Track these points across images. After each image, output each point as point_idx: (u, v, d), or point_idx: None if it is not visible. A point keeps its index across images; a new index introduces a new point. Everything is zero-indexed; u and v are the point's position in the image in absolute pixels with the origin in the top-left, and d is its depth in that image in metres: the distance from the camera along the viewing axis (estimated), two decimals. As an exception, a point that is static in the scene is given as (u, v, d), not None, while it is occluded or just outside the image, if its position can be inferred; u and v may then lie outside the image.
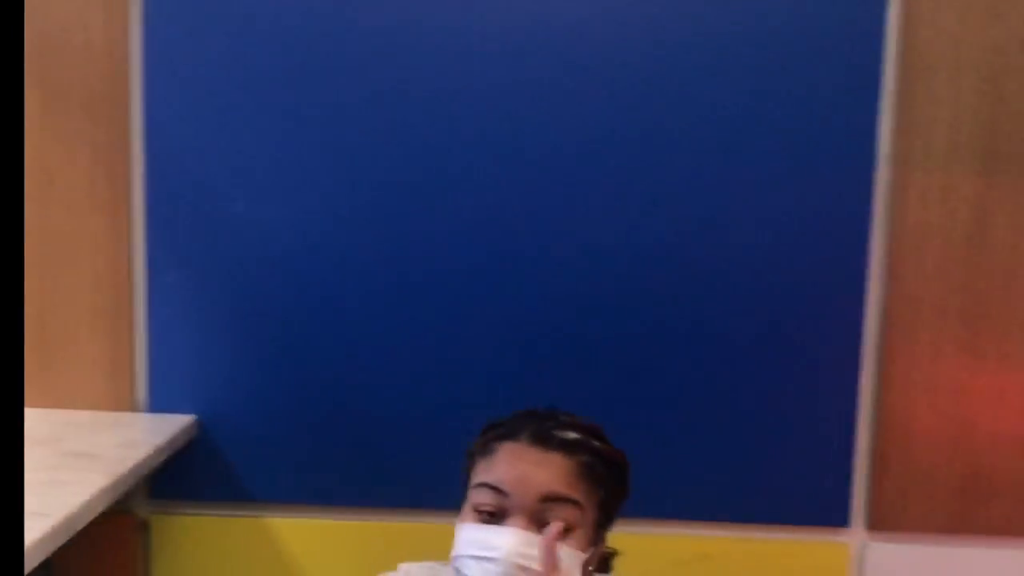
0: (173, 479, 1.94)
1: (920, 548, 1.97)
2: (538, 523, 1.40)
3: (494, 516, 1.42)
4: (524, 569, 1.37)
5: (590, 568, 1.46)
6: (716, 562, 1.95)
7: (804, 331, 1.92)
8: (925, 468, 1.95)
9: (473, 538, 1.41)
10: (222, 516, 1.97)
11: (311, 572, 1.98)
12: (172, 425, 1.87)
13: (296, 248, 1.90)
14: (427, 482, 1.95)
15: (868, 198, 1.89)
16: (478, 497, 1.44)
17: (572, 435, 1.45)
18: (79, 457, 1.68)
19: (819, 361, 1.93)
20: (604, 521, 1.47)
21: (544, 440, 1.44)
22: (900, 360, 1.93)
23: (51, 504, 1.45)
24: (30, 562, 1.30)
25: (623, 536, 1.51)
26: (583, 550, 1.42)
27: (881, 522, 1.96)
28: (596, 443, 1.46)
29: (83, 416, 1.91)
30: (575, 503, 1.41)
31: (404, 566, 1.58)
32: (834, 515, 1.97)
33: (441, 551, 1.96)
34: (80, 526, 1.47)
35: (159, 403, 1.94)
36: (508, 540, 1.38)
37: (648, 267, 1.91)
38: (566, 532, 1.40)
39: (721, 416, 1.94)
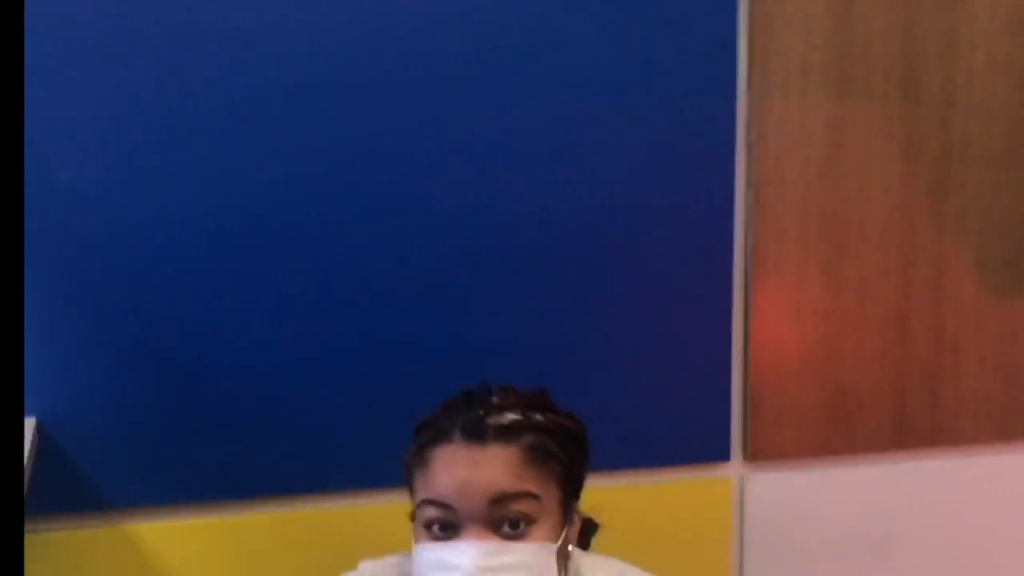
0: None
1: (796, 474, 1.99)
2: (495, 527, 1.30)
3: (446, 530, 1.31)
4: None
5: (570, 547, 1.38)
6: (607, 512, 1.91)
7: (674, 268, 1.88)
8: (795, 395, 1.97)
9: (431, 559, 1.31)
10: (77, 528, 1.76)
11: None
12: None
13: (139, 225, 1.70)
14: (299, 466, 1.81)
15: (730, 128, 1.86)
16: (425, 514, 1.33)
17: (509, 417, 1.34)
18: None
19: (690, 298, 1.90)
20: (570, 496, 1.38)
21: (478, 433, 1.33)
22: (767, 288, 1.93)
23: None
24: None
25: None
26: (553, 539, 1.33)
27: (758, 453, 1.97)
28: (539, 417, 1.36)
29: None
30: (530, 495, 1.31)
31: (366, 564, 1.45)
32: (716, 451, 1.96)
33: (324, 539, 1.85)
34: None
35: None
36: (467, 555, 1.28)
37: (512, 206, 1.81)
38: (528, 527, 1.31)
39: (596, 364, 1.89)
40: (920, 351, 1.98)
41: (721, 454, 1.95)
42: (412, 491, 1.37)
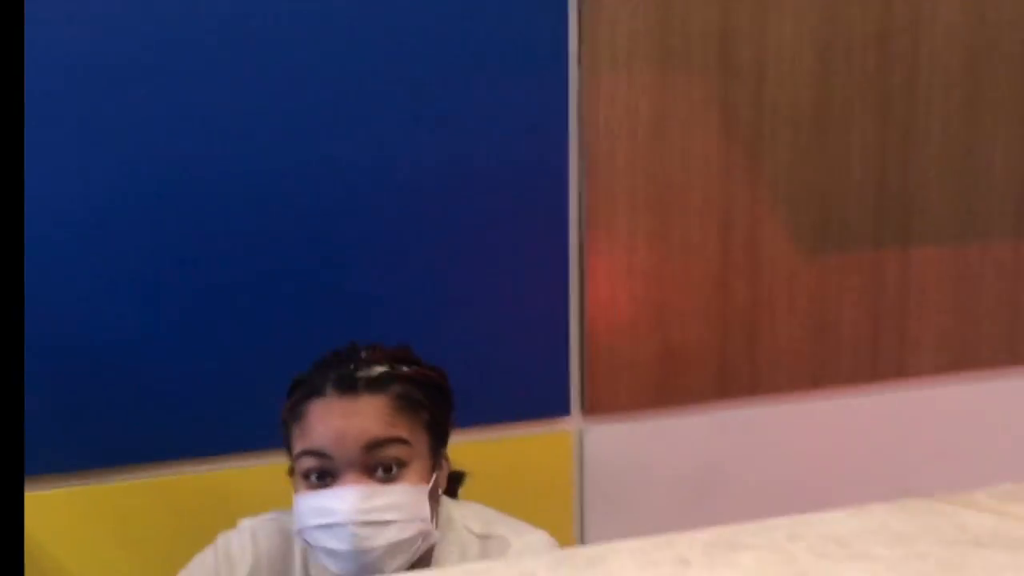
0: None
1: (631, 426, 2.11)
2: (370, 472, 1.38)
3: (324, 478, 1.39)
4: (370, 523, 1.36)
5: (440, 491, 1.46)
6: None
7: (512, 232, 1.98)
8: (628, 351, 2.09)
9: (311, 507, 1.38)
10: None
11: (54, 548, 1.81)
12: None
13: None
14: (171, 432, 1.84)
15: (563, 99, 1.97)
16: (303, 464, 1.40)
17: (378, 370, 1.43)
18: None
19: (529, 261, 2.00)
20: (438, 442, 1.47)
21: (349, 386, 1.41)
22: (600, 251, 2.04)
23: None
24: None
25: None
26: (424, 481, 1.41)
27: (595, 406, 2.09)
28: (405, 369, 1.44)
29: None
30: (401, 441, 1.40)
31: (246, 521, 1.50)
32: (556, 405, 2.06)
33: (197, 503, 1.88)
34: None
35: None
36: (346, 500, 1.36)
37: (360, 170, 1.88)
38: (400, 470, 1.39)
39: (440, 325, 1.96)
40: (739, 307, 2.14)
41: (561, 409, 2.07)
42: (289, 447, 1.43)
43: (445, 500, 1.50)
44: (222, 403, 1.86)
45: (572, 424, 2.09)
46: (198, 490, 1.88)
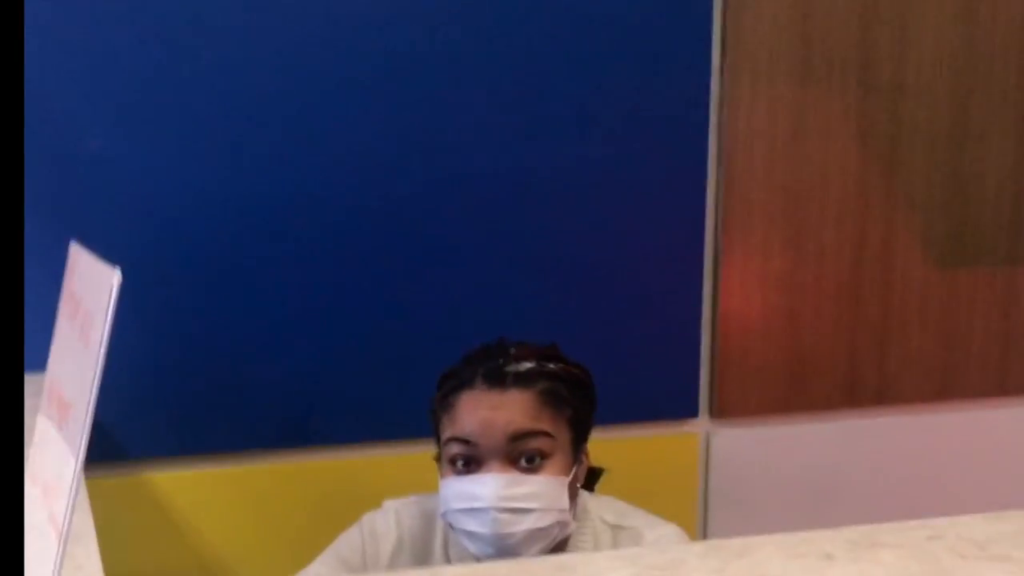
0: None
1: (757, 430, 2.16)
2: (513, 462, 1.45)
3: (470, 465, 1.46)
4: (512, 510, 1.43)
5: (578, 485, 1.53)
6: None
7: (650, 238, 2.04)
8: (758, 357, 2.14)
9: (456, 491, 1.46)
10: (93, 478, 1.87)
11: (201, 525, 1.92)
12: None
13: (158, 193, 1.82)
14: (311, 419, 1.94)
15: (704, 110, 2.03)
16: (450, 451, 1.48)
17: (526, 366, 1.50)
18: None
19: (665, 267, 2.06)
20: (579, 438, 1.53)
21: (498, 379, 1.48)
22: (735, 258, 2.09)
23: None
24: None
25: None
26: (565, 473, 1.48)
27: (723, 410, 2.13)
28: (552, 366, 1.51)
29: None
30: (544, 434, 1.47)
31: (390, 502, 1.59)
32: (684, 408, 2.12)
33: (335, 488, 1.97)
34: None
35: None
36: (489, 487, 1.43)
37: (504, 179, 1.96)
38: (543, 461, 1.46)
39: (580, 328, 2.02)
40: (870, 318, 2.17)
41: (690, 411, 2.12)
42: (438, 435, 1.52)
43: (582, 493, 1.57)
44: (362, 393, 1.96)
45: (700, 427, 2.14)
46: (336, 476, 1.98)
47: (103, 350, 0.78)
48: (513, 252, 1.99)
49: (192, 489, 1.91)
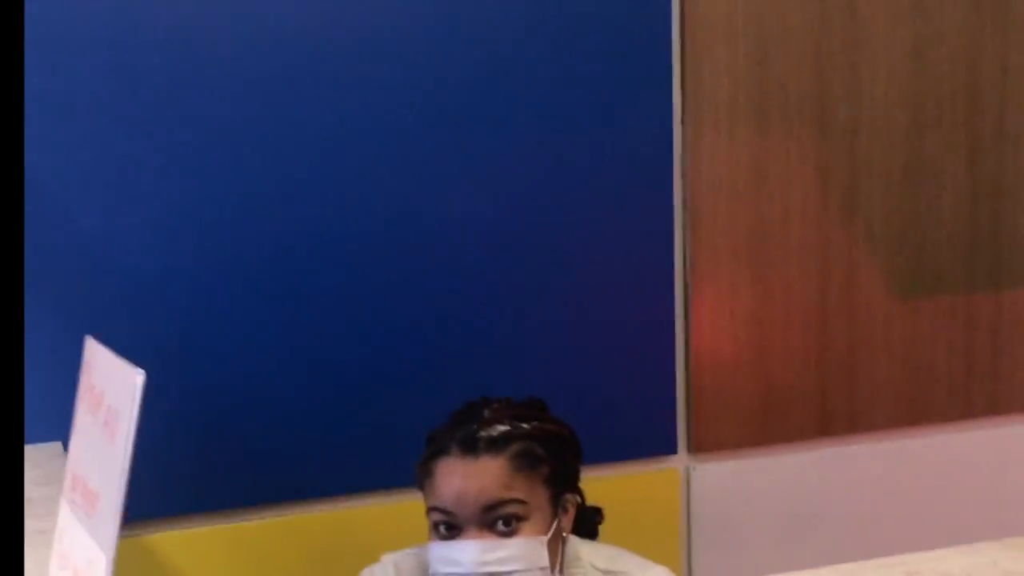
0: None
1: (735, 463, 2.23)
2: (490, 527, 1.52)
3: (451, 530, 1.53)
4: (492, 574, 1.50)
5: (564, 535, 1.58)
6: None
7: (620, 282, 2.11)
8: (732, 392, 2.21)
9: (439, 555, 1.53)
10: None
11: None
12: (42, 454, 1.80)
13: (149, 256, 1.88)
14: (306, 473, 1.99)
15: (668, 156, 2.10)
16: (433, 518, 1.55)
17: (499, 429, 1.56)
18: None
19: (637, 308, 2.13)
20: (558, 492, 1.59)
21: (470, 447, 1.54)
22: (705, 298, 2.17)
23: None
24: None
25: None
26: (543, 532, 1.54)
27: (701, 445, 2.20)
28: (525, 427, 1.57)
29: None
30: (517, 501, 1.53)
31: (388, 556, 1.64)
32: (663, 445, 2.19)
33: (334, 540, 2.02)
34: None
35: (15, 434, 1.85)
36: (468, 553, 1.51)
37: (483, 233, 2.03)
38: (519, 523, 1.52)
39: (555, 372, 2.09)
40: (837, 350, 2.24)
41: (669, 448, 2.19)
42: (425, 496, 1.58)
43: (574, 540, 1.62)
44: (355, 445, 2.01)
45: (680, 462, 2.21)
46: (333, 528, 2.03)
47: (131, 447, 0.84)
48: (491, 304, 2.05)
49: (189, 548, 1.96)
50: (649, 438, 2.18)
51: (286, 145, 1.91)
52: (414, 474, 1.61)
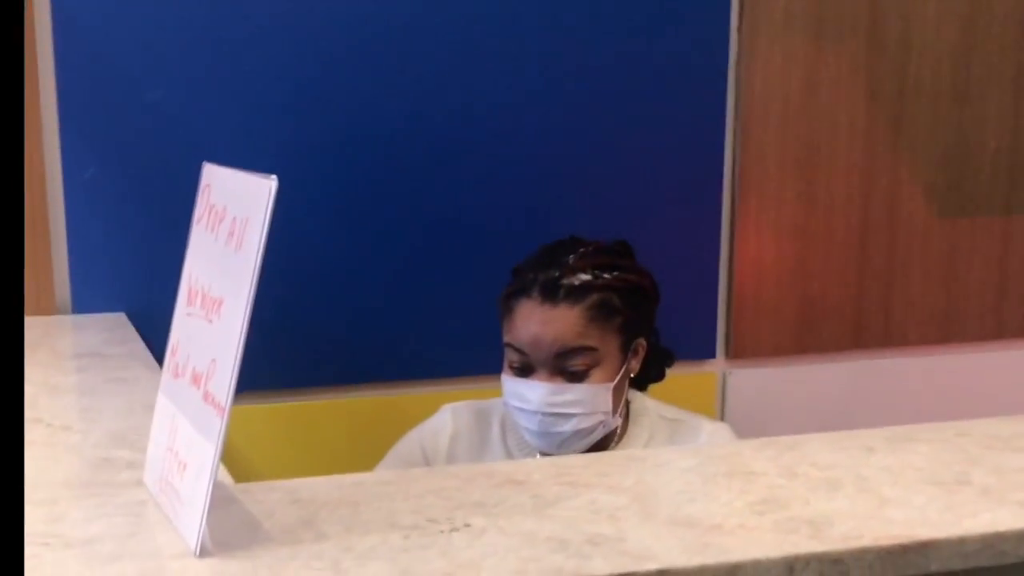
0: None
1: (770, 371, 2.29)
2: (560, 372, 1.59)
3: (523, 370, 1.61)
4: (556, 415, 1.58)
5: (631, 376, 1.65)
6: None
7: (671, 187, 2.16)
8: (771, 301, 2.26)
9: (511, 390, 1.61)
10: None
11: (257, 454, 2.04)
12: (110, 322, 1.86)
13: (220, 133, 1.93)
14: (359, 359, 2.06)
15: (724, 64, 2.15)
16: (508, 354, 1.63)
17: (580, 279, 1.61)
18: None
19: (684, 217, 2.18)
20: (630, 339, 1.65)
21: (551, 294, 1.60)
22: (751, 207, 2.22)
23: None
24: None
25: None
26: (609, 379, 1.61)
27: (739, 351, 2.26)
28: (607, 276, 1.63)
29: None
30: (589, 349, 1.60)
31: (447, 406, 1.71)
32: (702, 349, 2.24)
33: (379, 424, 2.08)
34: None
35: (82, 304, 1.91)
36: (537, 392, 1.59)
37: (544, 138, 2.09)
38: (587, 372, 1.59)
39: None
40: (876, 265, 2.29)
41: (708, 353, 2.25)
42: (503, 329, 1.65)
43: (644, 397, 1.71)
44: (402, 335, 2.08)
45: (717, 367, 2.27)
46: (374, 412, 2.10)
47: (263, 247, 0.90)
48: (541, 205, 2.10)
49: (251, 423, 2.02)
50: (689, 342, 2.23)
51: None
52: (497, 302, 1.67)
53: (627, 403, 1.69)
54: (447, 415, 1.72)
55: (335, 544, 0.94)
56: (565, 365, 1.59)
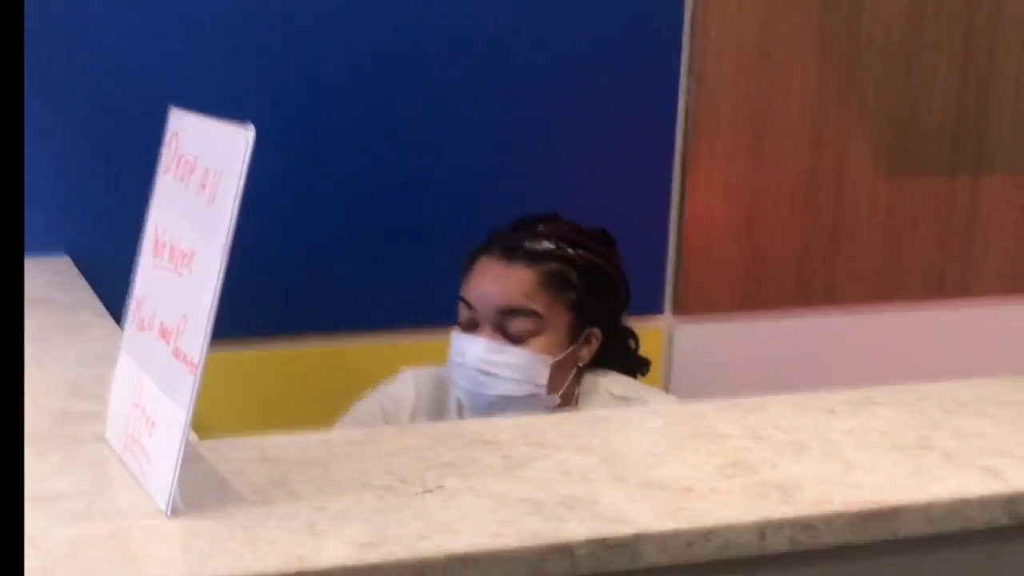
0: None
1: (716, 326, 2.30)
2: (503, 332, 1.58)
3: (469, 326, 1.59)
4: (488, 373, 1.57)
5: (580, 364, 1.64)
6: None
7: (623, 139, 2.16)
8: (720, 257, 2.27)
9: (455, 346, 1.60)
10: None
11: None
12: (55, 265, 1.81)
13: (175, 73, 1.88)
14: (314, 307, 2.04)
15: (679, 20, 2.14)
16: (460, 309, 1.62)
17: (543, 245, 1.61)
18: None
19: (636, 166, 2.18)
20: (583, 322, 1.63)
21: (510, 252, 1.60)
22: (702, 161, 2.22)
23: None
24: None
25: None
26: (551, 352, 1.59)
27: (686, 307, 2.27)
28: (570, 251, 1.62)
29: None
30: (534, 313, 1.58)
31: (408, 370, 1.69)
32: (650, 304, 2.24)
33: (330, 375, 2.05)
34: None
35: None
36: (475, 348, 1.58)
37: (495, 89, 2.07)
38: (527, 338, 1.58)
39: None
40: (822, 222, 2.31)
41: (655, 308, 2.25)
42: (461, 284, 1.64)
43: (594, 373, 1.68)
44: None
45: (664, 322, 2.27)
46: (325, 363, 2.07)
47: (238, 201, 0.87)
48: (496, 155, 2.09)
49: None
50: (637, 297, 2.23)
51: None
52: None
53: (575, 389, 1.66)
54: (410, 383, 1.69)
55: (308, 504, 0.93)
56: (507, 325, 1.58)
